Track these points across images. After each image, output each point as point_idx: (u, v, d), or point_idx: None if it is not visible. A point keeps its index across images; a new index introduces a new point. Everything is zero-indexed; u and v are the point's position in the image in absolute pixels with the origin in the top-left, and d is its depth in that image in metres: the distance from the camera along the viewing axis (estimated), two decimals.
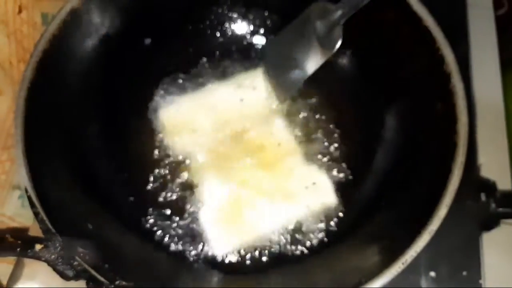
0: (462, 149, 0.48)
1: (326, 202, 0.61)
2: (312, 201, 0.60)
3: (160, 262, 0.56)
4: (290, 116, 0.66)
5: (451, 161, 0.47)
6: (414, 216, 0.49)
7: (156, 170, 0.63)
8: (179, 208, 0.61)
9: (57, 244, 0.44)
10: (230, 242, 0.59)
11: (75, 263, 0.43)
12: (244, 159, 0.63)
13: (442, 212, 0.45)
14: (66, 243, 0.44)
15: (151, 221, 0.60)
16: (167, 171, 0.63)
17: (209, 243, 0.59)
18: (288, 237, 0.59)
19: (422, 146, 0.54)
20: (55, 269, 0.44)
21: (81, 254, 0.44)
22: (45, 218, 0.45)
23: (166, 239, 0.59)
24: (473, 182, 0.62)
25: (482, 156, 0.66)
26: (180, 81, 0.68)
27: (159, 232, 0.60)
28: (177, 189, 0.62)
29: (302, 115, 0.66)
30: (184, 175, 0.63)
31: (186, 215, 0.60)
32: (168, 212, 0.61)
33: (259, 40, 0.70)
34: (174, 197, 0.62)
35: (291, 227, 0.60)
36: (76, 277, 0.44)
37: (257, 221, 0.59)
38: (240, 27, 0.70)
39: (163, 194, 0.62)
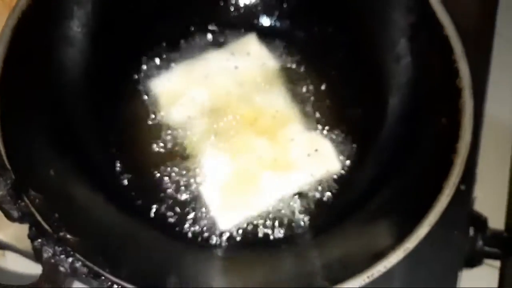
0: (458, 169, 0.45)
1: (330, 169, 0.59)
2: (316, 168, 0.58)
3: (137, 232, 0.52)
4: (287, 82, 0.64)
5: (444, 180, 0.44)
6: (395, 226, 0.46)
7: (150, 141, 0.60)
8: (174, 180, 0.58)
9: (8, 181, 0.41)
10: (234, 215, 0.56)
11: (23, 203, 0.40)
12: (242, 128, 0.61)
13: (422, 230, 0.42)
14: (18, 181, 0.41)
15: (134, 188, 0.57)
16: (161, 143, 0.60)
17: (213, 218, 0.56)
18: (294, 208, 0.57)
19: (416, 157, 0.51)
20: (0, 207, 0.40)
21: (32, 197, 0.40)
22: (1, 149, 0.42)
23: (155, 211, 0.56)
24: (464, 213, 0.60)
25: (479, 189, 0.64)
26: (170, 53, 0.65)
27: (140, 201, 0.57)
28: (173, 163, 0.59)
29: (299, 82, 0.64)
30: (180, 147, 0.60)
31: (185, 190, 0.58)
32: (162, 185, 0.58)
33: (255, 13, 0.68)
34: (169, 168, 0.59)
35: (295, 197, 0.58)
36: (20, 220, 0.41)
37: (260, 192, 0.57)
38: None
39: (156, 165, 0.59)
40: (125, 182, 0.58)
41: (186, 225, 0.56)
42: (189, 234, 0.55)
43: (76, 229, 0.42)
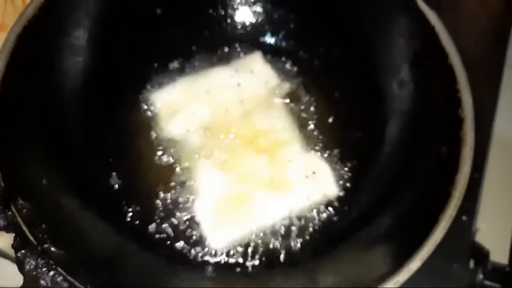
0: (455, 202, 0.43)
1: (327, 193, 0.57)
2: (312, 191, 0.57)
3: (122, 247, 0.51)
4: (289, 102, 0.64)
5: (440, 212, 0.43)
6: (388, 257, 0.45)
7: (147, 154, 0.60)
8: (168, 196, 0.57)
9: None
10: (226, 234, 0.55)
11: (10, 213, 0.40)
12: (240, 146, 0.60)
13: (414, 264, 0.41)
14: (7, 190, 0.41)
15: (130, 206, 0.56)
16: (158, 156, 0.60)
17: (204, 236, 0.55)
18: (288, 230, 0.56)
19: (413, 186, 0.50)
20: None
21: (19, 206, 0.40)
22: None
23: (147, 226, 0.55)
24: (465, 245, 0.58)
25: (482, 219, 0.61)
26: (175, 67, 0.65)
27: (132, 216, 0.56)
28: (169, 177, 0.59)
29: (301, 102, 0.64)
30: (177, 161, 0.60)
31: (177, 206, 0.57)
32: (156, 199, 0.57)
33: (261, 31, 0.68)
34: (165, 185, 0.58)
35: (290, 219, 0.56)
36: (6, 229, 0.40)
37: (254, 212, 0.56)
38: (243, 16, 0.68)
39: (152, 178, 0.58)
40: (119, 194, 0.57)
41: (178, 243, 0.55)
42: (180, 252, 0.54)
43: (62, 242, 0.41)
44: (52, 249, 0.39)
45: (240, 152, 0.60)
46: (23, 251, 0.38)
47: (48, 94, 0.53)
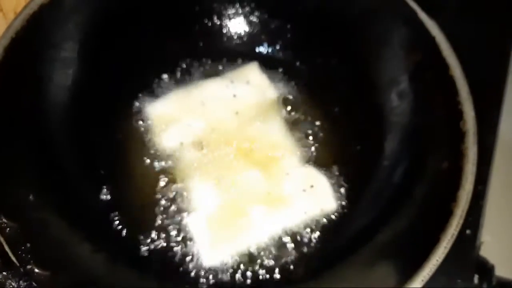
0: (457, 220, 0.42)
1: (325, 208, 0.56)
2: (310, 206, 0.56)
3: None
4: (286, 113, 0.62)
5: (442, 230, 0.41)
6: (388, 278, 0.43)
7: (140, 167, 0.58)
8: (161, 211, 0.56)
9: None
10: (221, 251, 0.53)
11: None
12: (236, 158, 0.58)
13: (415, 285, 0.39)
14: None
15: (121, 222, 0.54)
16: (151, 169, 0.58)
17: (198, 254, 0.53)
18: (285, 247, 0.54)
19: (413, 203, 0.48)
20: None
21: (3, 225, 0.39)
22: None
23: (138, 244, 0.53)
24: (469, 260, 0.56)
25: (486, 233, 0.60)
26: (169, 79, 0.64)
27: (126, 236, 0.54)
28: (162, 191, 0.57)
29: (299, 114, 0.62)
30: (171, 174, 0.58)
31: (171, 221, 0.55)
32: (148, 215, 0.55)
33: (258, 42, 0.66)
34: (158, 199, 0.56)
35: (287, 235, 0.55)
36: None
37: (250, 227, 0.55)
38: (238, 27, 0.66)
39: (145, 195, 0.57)
40: (109, 209, 0.55)
41: (170, 261, 0.53)
42: (173, 270, 0.53)
43: (48, 262, 0.40)
44: (36, 270, 0.38)
45: (236, 165, 0.58)
46: (4, 273, 0.37)
47: (36, 107, 0.52)
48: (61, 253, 0.44)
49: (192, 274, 0.52)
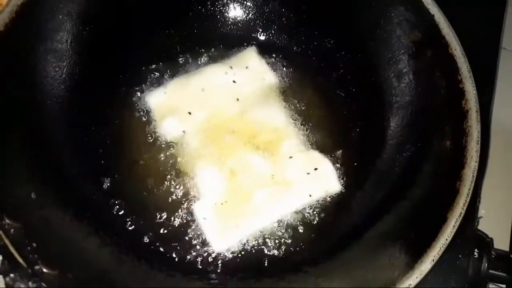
0: (464, 199, 0.42)
1: (330, 190, 0.56)
2: (315, 188, 0.55)
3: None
4: (286, 97, 0.62)
5: (449, 210, 0.41)
6: (397, 260, 0.43)
7: (142, 157, 0.57)
8: (166, 200, 0.55)
9: None
10: (228, 237, 0.53)
11: None
12: (239, 144, 0.58)
13: (425, 266, 0.39)
14: None
15: (125, 213, 0.54)
16: (154, 159, 0.57)
17: (206, 240, 0.53)
18: (291, 230, 0.54)
19: (418, 183, 0.48)
20: None
21: (6, 226, 0.38)
22: None
23: (145, 235, 0.53)
24: (468, 235, 0.56)
25: (483, 207, 0.61)
26: (167, 67, 0.63)
27: (132, 227, 0.53)
28: (166, 180, 0.56)
29: (298, 98, 0.62)
30: (174, 163, 0.57)
31: (176, 210, 0.55)
32: (153, 204, 0.55)
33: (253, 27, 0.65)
34: (162, 189, 0.56)
35: (293, 219, 0.55)
36: None
37: (256, 212, 0.54)
38: (233, 12, 0.65)
39: (148, 183, 0.56)
40: (113, 200, 0.54)
41: (179, 250, 0.52)
42: (181, 259, 0.52)
43: (55, 261, 0.39)
44: (45, 270, 0.37)
45: (239, 151, 0.57)
46: (12, 275, 0.36)
47: (32, 101, 0.50)
48: (68, 250, 0.43)
49: (200, 262, 0.52)
